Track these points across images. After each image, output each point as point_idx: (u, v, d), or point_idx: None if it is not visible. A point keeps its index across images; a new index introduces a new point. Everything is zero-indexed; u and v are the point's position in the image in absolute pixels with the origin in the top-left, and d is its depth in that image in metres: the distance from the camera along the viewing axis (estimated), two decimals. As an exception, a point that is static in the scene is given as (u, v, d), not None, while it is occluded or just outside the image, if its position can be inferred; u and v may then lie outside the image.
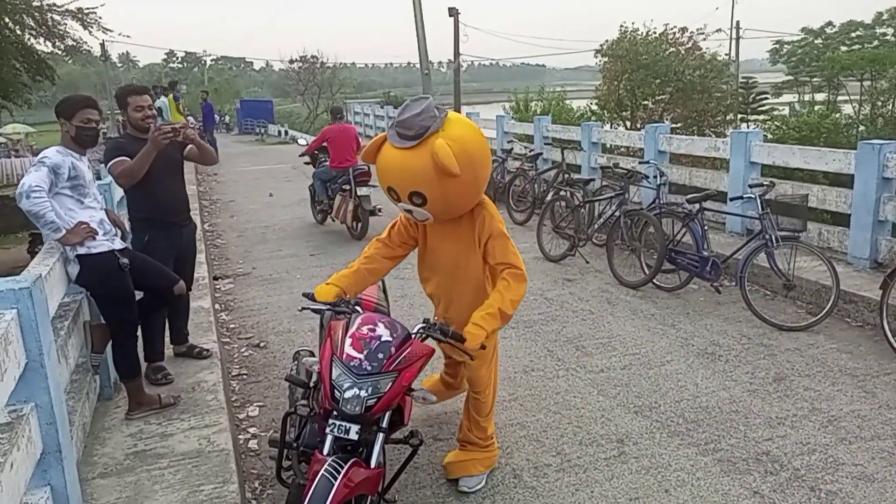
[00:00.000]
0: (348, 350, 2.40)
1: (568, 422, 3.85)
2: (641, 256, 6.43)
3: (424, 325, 2.61)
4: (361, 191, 8.25)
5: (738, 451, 3.51)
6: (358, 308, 2.63)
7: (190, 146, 4.18)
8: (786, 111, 22.27)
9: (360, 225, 8.33)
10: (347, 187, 8.40)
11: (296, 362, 3.44)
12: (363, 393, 2.33)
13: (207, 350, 4.36)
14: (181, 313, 4.30)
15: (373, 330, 2.46)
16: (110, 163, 3.89)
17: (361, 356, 2.38)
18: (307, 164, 9.87)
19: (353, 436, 2.34)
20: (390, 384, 2.39)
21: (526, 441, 3.65)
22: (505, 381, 4.37)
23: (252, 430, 3.84)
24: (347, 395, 2.33)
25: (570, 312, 5.64)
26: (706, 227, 5.94)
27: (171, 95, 16.82)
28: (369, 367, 2.36)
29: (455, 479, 3.21)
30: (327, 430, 2.37)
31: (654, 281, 6.14)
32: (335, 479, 2.18)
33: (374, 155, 2.81)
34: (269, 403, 4.16)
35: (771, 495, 3.13)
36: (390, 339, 2.45)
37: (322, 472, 2.21)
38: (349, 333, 2.46)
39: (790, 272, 5.44)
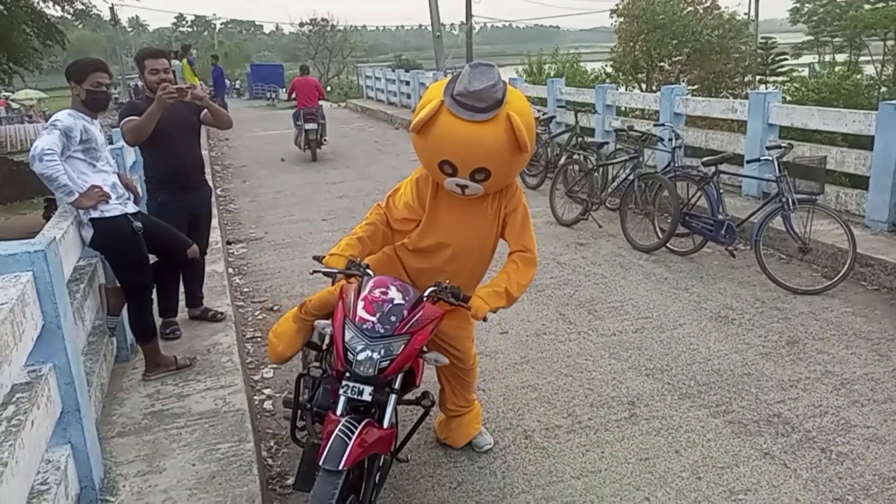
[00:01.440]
0: (361, 313, 2.41)
1: (579, 384, 3.87)
2: (655, 220, 6.38)
3: (436, 287, 2.61)
4: (308, 126, 11.56)
5: (749, 413, 3.51)
6: (369, 272, 2.63)
7: (205, 111, 4.23)
8: (805, 72, 21.76)
9: (310, 150, 11.77)
10: (300, 122, 11.76)
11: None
12: (376, 355, 2.35)
13: (221, 313, 4.41)
14: (196, 277, 4.36)
15: (385, 293, 2.46)
16: (122, 122, 3.98)
17: (374, 319, 2.39)
18: (310, 120, 12.02)
19: (367, 397, 2.37)
20: (403, 346, 2.40)
21: (537, 403, 3.68)
22: (517, 345, 4.39)
23: (266, 391, 3.90)
24: (360, 357, 2.34)
25: (583, 276, 5.62)
26: (722, 191, 5.87)
27: (185, 60, 16.75)
28: (382, 330, 2.37)
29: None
30: (341, 391, 2.40)
31: (668, 245, 6.10)
32: (349, 438, 2.21)
33: (421, 125, 2.50)
34: (283, 366, 4.20)
35: (781, 456, 3.14)
36: (402, 301, 2.45)
37: (336, 431, 2.23)
38: (361, 296, 2.46)
39: (806, 235, 5.38)
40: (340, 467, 2.15)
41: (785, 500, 2.85)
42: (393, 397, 2.45)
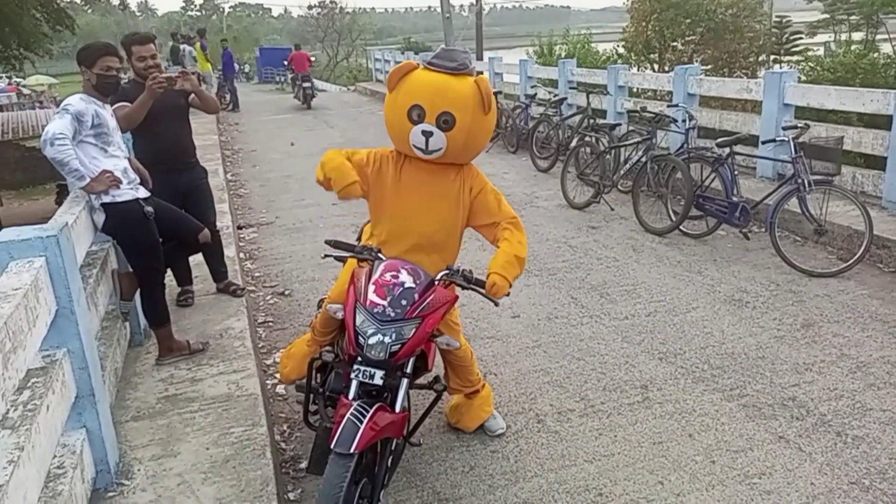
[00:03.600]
0: (371, 297, 2.40)
1: (591, 368, 3.85)
2: (668, 203, 6.32)
3: (448, 271, 2.60)
4: (305, 84, 17.79)
5: (763, 396, 3.49)
6: (381, 255, 2.62)
7: (192, 94, 4.25)
8: (820, 51, 21.41)
9: (305, 102, 17.81)
10: (298, 82, 18.29)
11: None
12: (387, 339, 2.34)
13: (242, 288, 4.57)
14: (215, 255, 4.50)
15: (396, 276, 2.45)
16: (113, 108, 3.92)
17: (385, 303, 2.38)
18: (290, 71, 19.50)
19: (378, 381, 2.36)
20: (414, 330, 2.39)
21: (549, 387, 3.67)
22: (529, 329, 4.38)
23: (279, 375, 3.91)
24: (371, 341, 2.34)
25: (595, 260, 5.59)
26: (736, 172, 5.80)
27: (198, 44, 16.68)
28: (393, 314, 2.36)
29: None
30: (352, 375, 2.39)
31: (681, 227, 6.04)
32: (361, 422, 2.21)
33: (396, 80, 2.72)
34: (296, 350, 4.22)
35: (796, 440, 3.12)
36: (413, 285, 2.44)
37: (348, 415, 2.23)
38: (372, 280, 2.45)
39: (822, 217, 5.31)
40: (352, 450, 2.15)
41: (800, 484, 2.83)
42: (405, 381, 2.44)
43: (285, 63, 22.09)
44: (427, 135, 2.65)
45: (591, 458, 3.06)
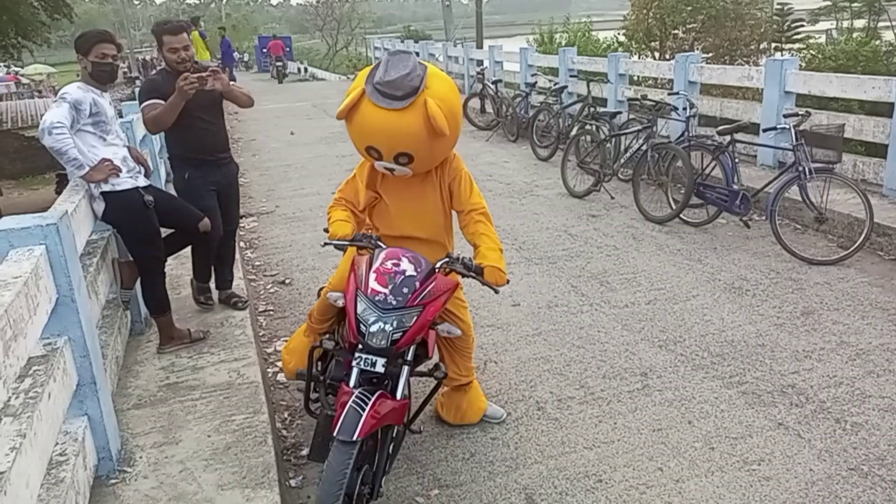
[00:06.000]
0: (373, 285, 2.40)
1: (591, 356, 3.86)
2: (668, 191, 6.30)
3: (447, 259, 2.60)
4: (278, 63, 24.22)
5: (763, 383, 3.50)
6: (381, 243, 2.62)
7: None
8: (822, 39, 21.29)
9: (278, 77, 24.02)
10: (274, 62, 24.88)
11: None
12: (388, 327, 2.34)
13: (245, 301, 4.25)
14: (226, 261, 4.24)
15: (397, 264, 2.45)
16: (143, 105, 3.75)
17: (386, 291, 2.38)
18: (279, 62, 24.62)
19: (380, 369, 2.37)
20: (415, 318, 2.39)
21: (549, 374, 3.68)
22: (529, 317, 4.38)
23: (280, 363, 3.92)
24: (373, 329, 2.34)
25: (595, 248, 5.59)
26: (737, 160, 5.78)
27: (197, 32, 16.54)
28: (394, 302, 2.37)
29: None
30: (354, 363, 2.40)
31: (681, 216, 6.03)
32: (363, 409, 2.22)
33: (347, 113, 2.60)
34: (296, 338, 4.23)
35: (795, 426, 3.13)
36: (415, 273, 2.44)
37: (350, 403, 2.24)
38: (373, 268, 2.45)
39: (823, 205, 5.30)
40: (354, 438, 2.16)
41: (799, 471, 2.84)
42: (406, 369, 2.45)
43: (264, 51, 28.48)
44: (389, 169, 2.68)
45: (591, 445, 3.07)
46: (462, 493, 2.80)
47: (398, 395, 2.41)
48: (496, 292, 2.67)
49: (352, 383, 2.38)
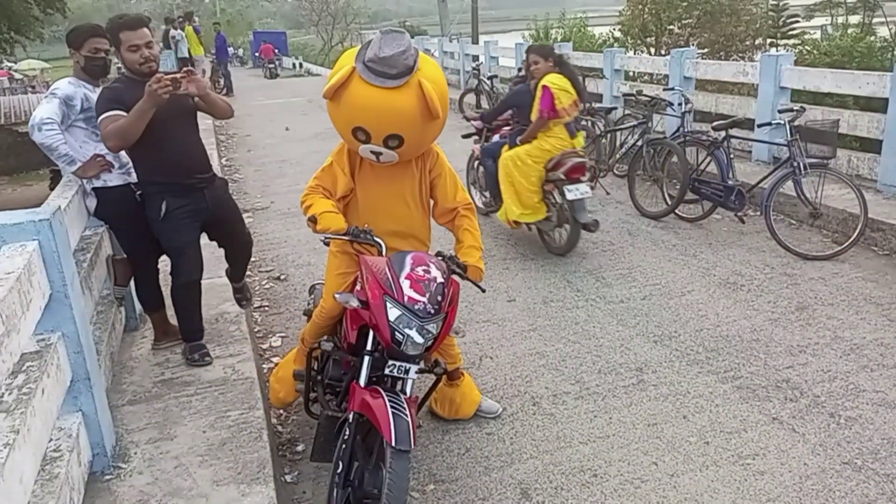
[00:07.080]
0: (410, 293, 2.31)
1: (587, 351, 3.86)
2: (664, 187, 6.31)
3: (440, 257, 2.57)
4: (270, 65, 27.24)
5: (757, 378, 3.51)
6: (376, 238, 2.59)
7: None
8: (817, 35, 21.32)
9: (270, 76, 26.52)
10: (265, 63, 27.65)
11: (312, 296, 3.45)
12: (429, 336, 2.33)
13: (248, 300, 4.10)
14: (241, 264, 3.87)
15: (427, 271, 2.39)
16: (100, 117, 3.05)
17: (424, 300, 2.31)
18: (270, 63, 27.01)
19: (413, 375, 2.38)
20: (443, 324, 2.38)
21: (545, 370, 3.68)
22: (524, 312, 4.39)
23: (275, 359, 3.90)
24: (416, 338, 2.29)
25: (590, 244, 5.59)
26: (732, 156, 5.79)
27: (191, 27, 16.39)
28: (432, 310, 2.32)
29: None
30: (387, 370, 2.37)
31: (677, 211, 6.04)
32: (406, 415, 2.22)
33: (333, 92, 2.48)
34: (291, 334, 4.22)
35: (790, 421, 3.14)
36: (443, 280, 2.39)
37: (391, 411, 2.21)
38: (405, 274, 2.35)
39: (817, 200, 5.31)
40: (411, 447, 2.17)
41: (793, 465, 2.86)
42: (413, 367, 2.44)
43: (257, 54, 31.63)
44: (377, 154, 2.58)
45: (587, 440, 3.08)
46: (457, 488, 2.81)
47: (408, 394, 2.41)
48: (482, 290, 2.70)
49: (363, 382, 2.38)
